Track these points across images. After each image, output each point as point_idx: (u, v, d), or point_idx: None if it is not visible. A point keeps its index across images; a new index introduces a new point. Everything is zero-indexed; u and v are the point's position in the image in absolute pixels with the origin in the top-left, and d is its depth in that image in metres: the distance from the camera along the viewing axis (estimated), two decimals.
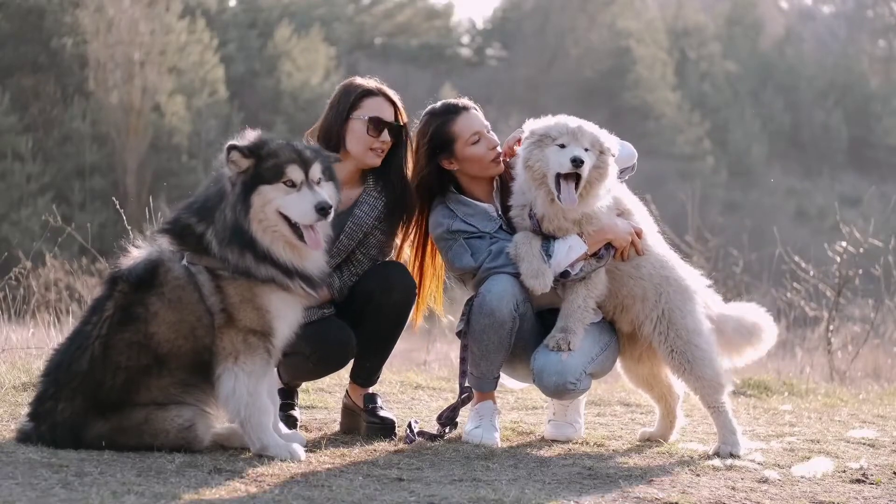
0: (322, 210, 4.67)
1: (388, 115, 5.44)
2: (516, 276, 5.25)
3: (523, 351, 5.39)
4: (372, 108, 5.42)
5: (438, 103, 5.61)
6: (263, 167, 4.68)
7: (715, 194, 37.81)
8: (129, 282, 4.69)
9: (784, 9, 55.72)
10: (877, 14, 53.87)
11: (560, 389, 5.29)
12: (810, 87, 47.19)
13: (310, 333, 5.05)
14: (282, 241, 4.71)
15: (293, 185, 4.69)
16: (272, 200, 4.67)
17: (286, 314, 4.74)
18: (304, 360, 5.32)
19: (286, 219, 4.68)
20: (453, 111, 5.52)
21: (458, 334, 5.46)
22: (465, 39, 49.81)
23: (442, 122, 5.50)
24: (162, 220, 4.92)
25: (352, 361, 5.58)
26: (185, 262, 4.68)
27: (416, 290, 5.51)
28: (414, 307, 5.56)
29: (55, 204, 21.77)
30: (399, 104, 5.51)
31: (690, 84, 45.03)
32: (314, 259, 4.79)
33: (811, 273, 11.20)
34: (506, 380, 5.74)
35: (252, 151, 4.69)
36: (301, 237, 4.69)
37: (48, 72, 32.62)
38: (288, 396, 5.64)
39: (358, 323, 5.39)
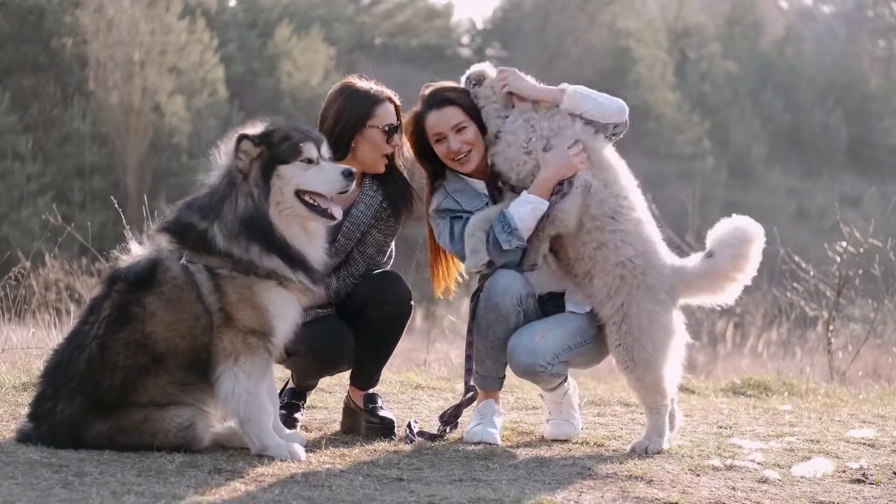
0: (349, 175, 4.79)
1: (395, 119, 5.49)
2: (519, 270, 5.30)
3: None
4: (385, 115, 5.45)
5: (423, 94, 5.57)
6: (279, 150, 4.73)
7: (715, 194, 37.76)
8: (126, 281, 4.69)
9: (784, 9, 55.69)
10: (877, 14, 53.84)
11: (530, 370, 5.27)
12: (810, 87, 47.14)
13: (306, 332, 5.03)
14: (296, 224, 4.75)
15: (310, 161, 4.76)
16: (291, 179, 4.72)
17: (285, 313, 4.75)
18: (302, 359, 5.32)
19: (301, 199, 4.72)
20: (429, 105, 5.51)
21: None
22: (465, 39, 49.76)
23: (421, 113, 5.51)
24: (162, 219, 4.91)
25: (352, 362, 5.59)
26: (183, 260, 4.68)
27: (411, 300, 5.50)
28: (435, 281, 5.65)
29: (55, 204, 21.76)
30: (398, 103, 5.56)
31: (690, 84, 44.99)
32: (319, 248, 4.82)
33: (811, 273, 11.19)
34: None
35: (262, 139, 4.73)
36: (321, 213, 4.74)
37: (48, 72, 32.59)
38: (297, 397, 5.64)
39: (355, 330, 5.41)
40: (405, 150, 5.60)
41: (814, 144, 46.13)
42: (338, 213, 4.82)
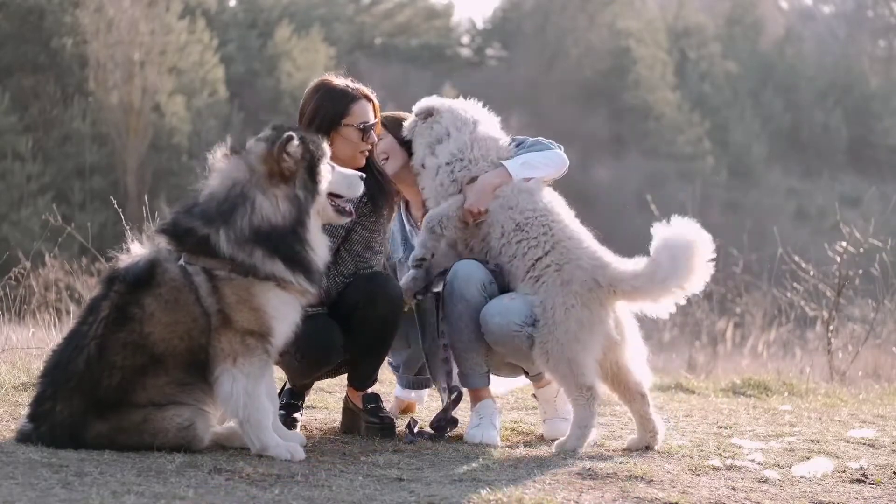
0: (363, 179, 5.02)
1: (371, 116, 5.50)
2: (481, 261, 5.42)
3: None
4: (361, 113, 5.46)
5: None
6: (315, 151, 4.81)
7: (715, 194, 37.79)
8: (125, 282, 4.68)
9: (784, 9, 55.68)
10: (877, 14, 53.86)
11: (505, 331, 5.24)
12: (810, 87, 47.16)
13: (296, 331, 5.00)
14: (319, 224, 4.83)
15: (330, 164, 4.89)
16: (327, 180, 4.85)
17: (284, 314, 4.75)
18: (291, 357, 5.30)
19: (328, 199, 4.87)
20: None
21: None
22: (465, 39, 49.78)
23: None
24: (161, 220, 4.91)
25: (346, 364, 5.57)
26: (181, 261, 4.67)
27: (403, 301, 5.50)
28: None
29: (55, 204, 21.75)
30: (375, 100, 5.58)
31: (690, 84, 44.99)
32: (326, 247, 4.88)
33: (811, 273, 11.19)
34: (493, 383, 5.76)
35: (303, 139, 4.78)
36: (342, 212, 4.93)
37: (48, 72, 32.60)
38: (295, 398, 5.63)
39: (348, 331, 5.39)
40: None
41: (814, 144, 46.15)
42: (352, 209, 4.98)
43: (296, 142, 4.72)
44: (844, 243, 10.53)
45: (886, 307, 11.31)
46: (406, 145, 5.71)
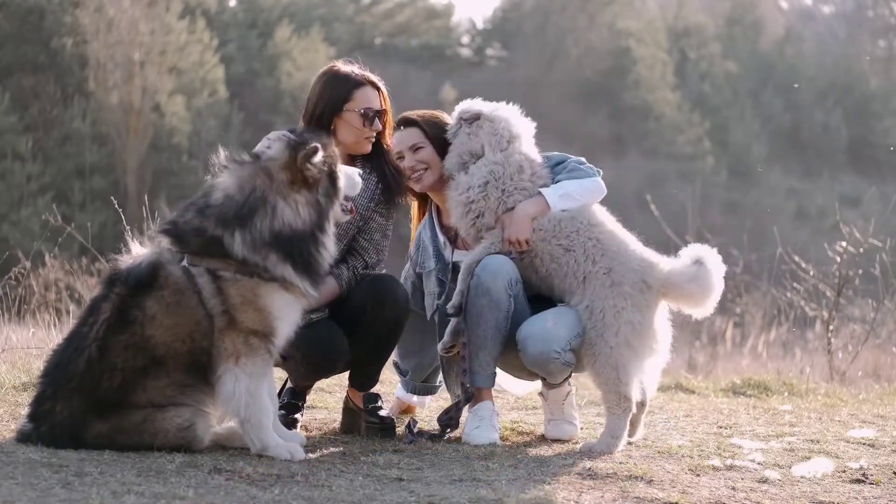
0: (361, 175, 5.14)
1: (377, 103, 5.50)
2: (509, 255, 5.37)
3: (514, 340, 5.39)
4: (364, 99, 5.47)
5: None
6: (334, 157, 4.87)
7: (715, 194, 37.78)
8: (127, 284, 4.67)
9: (784, 9, 55.68)
10: (877, 14, 53.86)
11: (544, 358, 5.24)
12: (810, 87, 47.15)
13: (301, 337, 4.97)
14: (334, 226, 4.86)
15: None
16: (343, 184, 4.90)
17: (287, 314, 4.75)
18: (296, 363, 5.30)
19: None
20: (395, 127, 5.76)
21: (445, 313, 5.46)
22: (465, 39, 49.78)
23: None
24: (163, 220, 4.90)
25: (348, 365, 5.57)
26: (185, 262, 4.66)
27: (408, 303, 5.50)
28: None
29: (55, 204, 21.73)
30: (383, 88, 5.57)
31: (690, 84, 44.98)
32: (334, 247, 4.89)
33: (811, 273, 11.19)
34: (507, 384, 5.75)
35: (325, 147, 4.82)
36: (345, 210, 5.00)
37: (48, 72, 32.60)
38: (296, 398, 5.63)
39: (352, 332, 5.38)
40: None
41: (814, 144, 46.14)
42: (353, 205, 5.07)
43: (320, 154, 4.73)
44: (844, 243, 10.54)
45: (886, 307, 11.32)
46: (443, 152, 5.65)
